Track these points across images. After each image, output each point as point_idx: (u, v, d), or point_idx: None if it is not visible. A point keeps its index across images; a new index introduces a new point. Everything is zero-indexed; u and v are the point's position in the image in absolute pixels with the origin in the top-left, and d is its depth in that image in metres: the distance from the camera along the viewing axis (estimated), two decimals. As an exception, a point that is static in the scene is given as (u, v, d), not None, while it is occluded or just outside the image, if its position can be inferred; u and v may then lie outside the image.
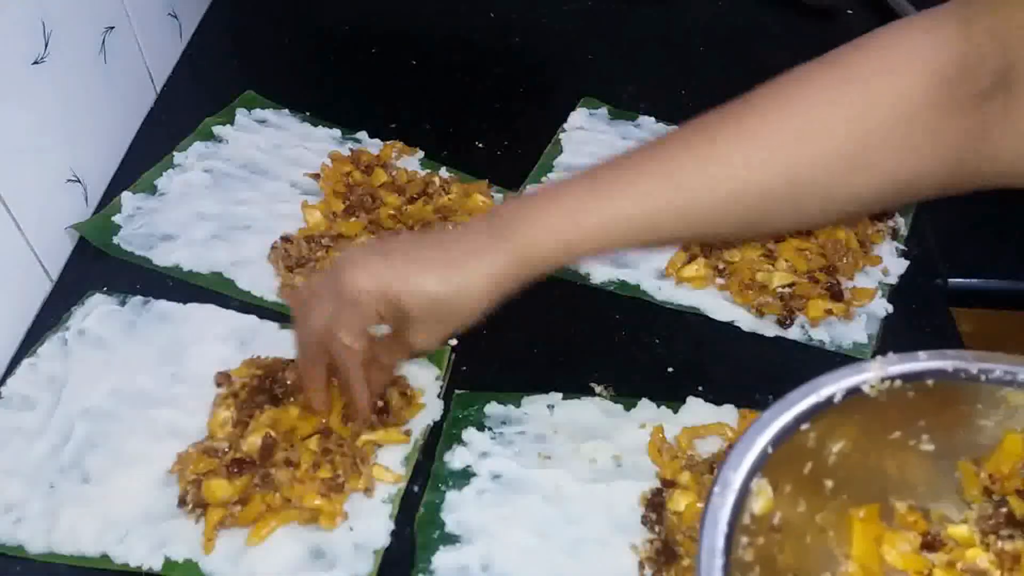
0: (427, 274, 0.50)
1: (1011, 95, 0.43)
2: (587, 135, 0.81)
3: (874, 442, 0.43)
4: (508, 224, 0.50)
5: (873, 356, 0.64)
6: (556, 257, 0.49)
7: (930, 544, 0.44)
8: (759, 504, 0.39)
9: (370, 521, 0.54)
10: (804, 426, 0.40)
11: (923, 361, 0.42)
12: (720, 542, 0.37)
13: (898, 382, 0.41)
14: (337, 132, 0.81)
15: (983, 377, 0.41)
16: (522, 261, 0.49)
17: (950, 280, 0.74)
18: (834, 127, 0.45)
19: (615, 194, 0.48)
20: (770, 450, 0.39)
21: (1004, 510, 0.43)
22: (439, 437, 0.59)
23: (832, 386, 0.41)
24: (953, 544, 0.43)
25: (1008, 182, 0.45)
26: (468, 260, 0.50)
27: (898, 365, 0.41)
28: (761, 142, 0.46)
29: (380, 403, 0.59)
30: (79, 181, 0.72)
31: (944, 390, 0.42)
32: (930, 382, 0.42)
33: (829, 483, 0.43)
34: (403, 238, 0.56)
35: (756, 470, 0.39)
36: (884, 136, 0.45)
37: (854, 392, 0.41)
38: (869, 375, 0.41)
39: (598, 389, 0.62)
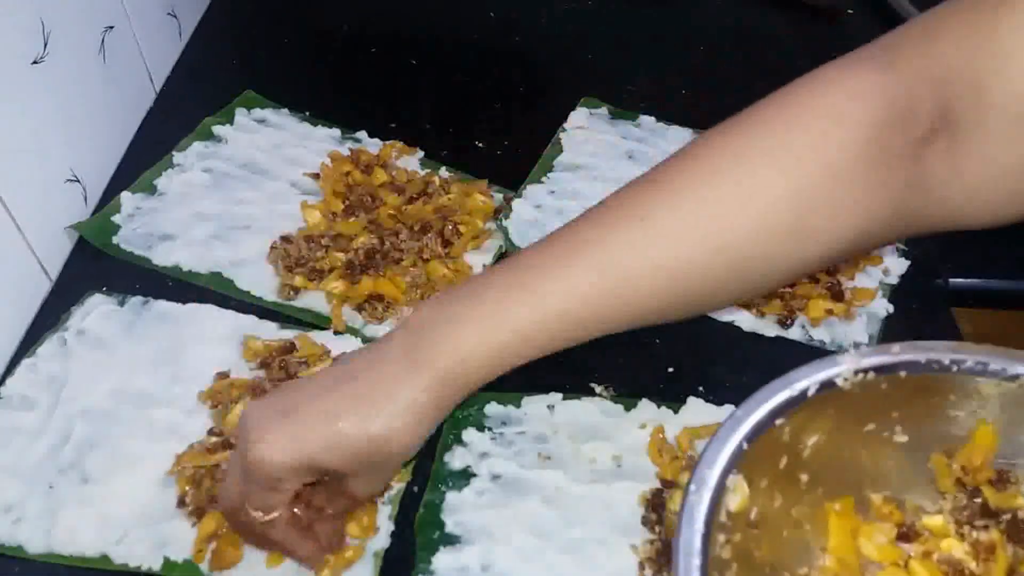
0: (341, 428, 0.44)
1: (954, 138, 0.40)
2: (587, 135, 0.81)
3: (848, 435, 0.43)
4: (426, 343, 0.44)
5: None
6: (488, 371, 0.45)
7: (905, 535, 0.44)
8: (735, 501, 0.39)
9: (370, 522, 0.54)
10: (779, 421, 0.40)
11: (896, 353, 0.42)
12: (697, 542, 0.37)
13: (871, 374, 0.41)
14: (337, 132, 0.81)
15: (955, 368, 0.42)
16: (448, 384, 0.44)
17: (951, 280, 0.74)
18: (767, 197, 0.42)
19: (544, 291, 0.44)
20: (745, 446, 0.39)
21: (978, 501, 0.43)
22: (439, 437, 0.59)
23: (806, 380, 0.41)
24: (928, 535, 0.44)
25: (959, 224, 0.43)
26: (384, 399, 0.44)
27: (871, 358, 0.42)
28: (695, 219, 0.43)
29: None
30: (78, 181, 0.72)
31: (917, 381, 0.42)
32: (903, 374, 0.42)
33: (804, 477, 0.43)
34: (307, 384, 0.47)
35: (732, 467, 0.39)
36: (820, 200, 0.42)
37: (828, 386, 0.41)
38: (842, 368, 0.41)
39: (598, 389, 0.62)
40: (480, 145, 0.82)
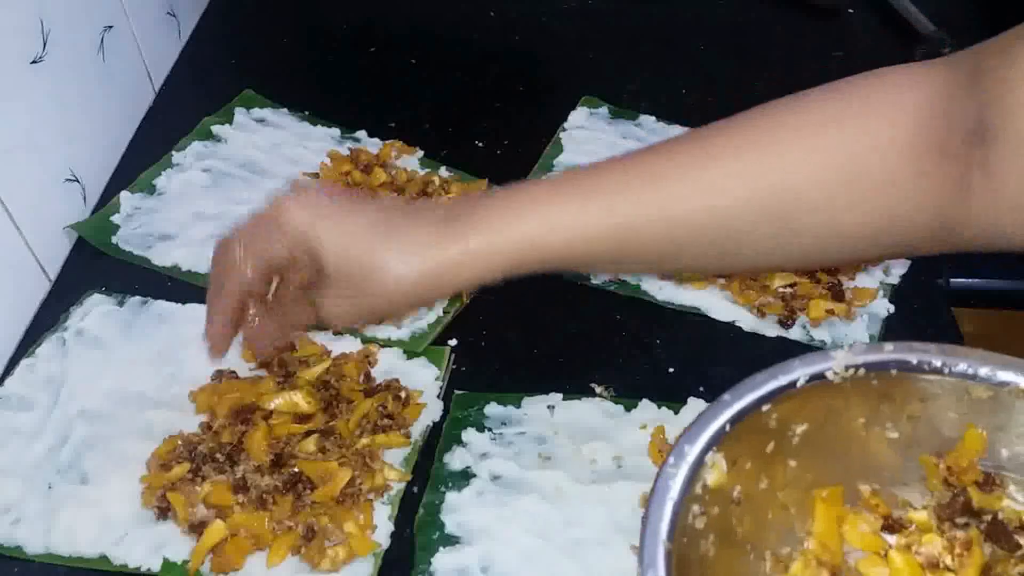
0: (358, 236, 0.46)
1: (989, 151, 0.41)
2: (588, 134, 0.81)
3: (838, 427, 0.44)
4: (465, 222, 0.46)
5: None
6: (516, 262, 0.46)
7: (891, 527, 0.45)
8: (712, 477, 0.41)
9: (369, 522, 0.54)
10: (765, 407, 0.42)
11: (888, 352, 0.43)
12: (668, 507, 0.39)
13: (862, 370, 0.42)
14: (336, 131, 0.81)
15: (946, 370, 0.43)
16: (470, 265, 0.45)
17: (952, 280, 0.74)
18: (819, 158, 0.44)
19: (591, 199, 0.45)
20: (728, 427, 0.41)
21: (962, 499, 0.44)
22: (438, 438, 0.59)
23: (797, 372, 0.42)
24: (913, 528, 0.45)
25: (1001, 242, 0.44)
26: (407, 245, 0.45)
27: (863, 355, 0.43)
28: (745, 163, 0.45)
29: (384, 409, 0.58)
30: (77, 180, 0.72)
31: (908, 381, 0.43)
32: (894, 372, 0.43)
33: (792, 463, 0.44)
34: (366, 199, 0.50)
35: (712, 445, 0.41)
36: (868, 172, 0.44)
37: (818, 378, 0.42)
38: (834, 363, 0.42)
39: (598, 389, 0.62)
40: (480, 145, 0.82)
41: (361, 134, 0.81)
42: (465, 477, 0.57)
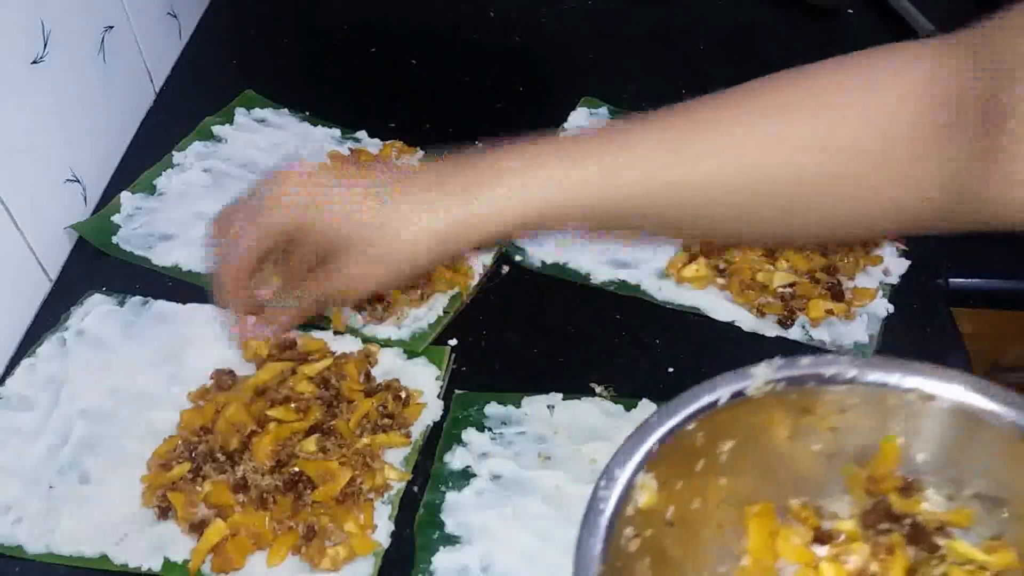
0: (356, 202, 0.47)
1: (1001, 128, 0.41)
2: (587, 135, 0.81)
3: (764, 442, 0.45)
4: (474, 181, 0.47)
5: (874, 356, 0.64)
6: (527, 220, 0.47)
7: (821, 538, 0.46)
8: (643, 498, 0.41)
9: (370, 522, 0.54)
10: (690, 426, 0.42)
11: (804, 366, 0.44)
12: (601, 531, 0.39)
13: (781, 385, 0.43)
14: (336, 132, 0.81)
15: (859, 381, 0.43)
16: (480, 223, 0.47)
17: (951, 280, 0.74)
18: (822, 134, 0.45)
19: (608, 155, 0.45)
20: (655, 448, 0.41)
21: (883, 505, 0.45)
22: (439, 437, 0.59)
23: (719, 390, 0.43)
24: (843, 538, 0.46)
25: (998, 222, 0.44)
26: (412, 205, 0.47)
27: (781, 370, 0.44)
28: (752, 136, 0.46)
29: (384, 409, 0.58)
30: (78, 181, 0.72)
31: (825, 393, 0.44)
32: (811, 384, 0.44)
33: (723, 480, 0.45)
34: (351, 169, 0.52)
35: (641, 467, 0.41)
36: (873, 149, 0.44)
37: (739, 395, 0.43)
38: (753, 380, 0.43)
39: (598, 389, 0.62)
40: (480, 145, 0.82)
41: (361, 134, 0.81)
42: (465, 477, 0.57)
